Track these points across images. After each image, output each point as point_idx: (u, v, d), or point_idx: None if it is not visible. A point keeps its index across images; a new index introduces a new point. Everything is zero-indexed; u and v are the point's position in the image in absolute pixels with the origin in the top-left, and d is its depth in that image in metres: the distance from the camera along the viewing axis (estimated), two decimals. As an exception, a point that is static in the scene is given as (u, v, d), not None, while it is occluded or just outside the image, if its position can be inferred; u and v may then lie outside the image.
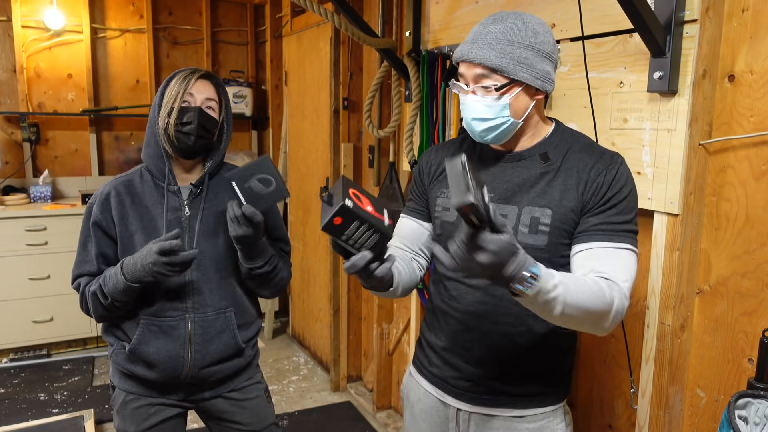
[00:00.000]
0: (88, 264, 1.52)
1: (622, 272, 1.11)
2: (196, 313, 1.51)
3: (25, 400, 3.10)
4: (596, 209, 1.15)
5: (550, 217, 1.16)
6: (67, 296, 3.65)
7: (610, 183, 1.14)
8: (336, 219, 0.98)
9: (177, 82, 1.48)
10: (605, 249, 1.12)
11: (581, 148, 1.21)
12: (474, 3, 2.12)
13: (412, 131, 2.42)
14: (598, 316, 1.05)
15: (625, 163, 1.18)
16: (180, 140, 1.48)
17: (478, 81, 1.15)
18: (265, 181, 1.40)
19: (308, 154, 3.65)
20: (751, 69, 1.37)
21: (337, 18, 2.10)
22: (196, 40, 4.42)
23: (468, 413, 1.28)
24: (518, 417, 1.26)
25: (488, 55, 1.12)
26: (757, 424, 1.08)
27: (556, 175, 1.18)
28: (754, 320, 1.39)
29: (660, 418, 1.53)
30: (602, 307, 1.04)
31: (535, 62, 1.13)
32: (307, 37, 3.52)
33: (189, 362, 1.51)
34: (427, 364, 1.35)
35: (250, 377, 1.67)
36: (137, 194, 1.52)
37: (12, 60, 3.86)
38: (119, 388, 1.58)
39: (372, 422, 3.01)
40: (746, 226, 1.39)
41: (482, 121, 1.16)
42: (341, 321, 3.33)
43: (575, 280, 1.03)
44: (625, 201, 1.15)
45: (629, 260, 1.13)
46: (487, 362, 1.24)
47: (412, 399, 1.42)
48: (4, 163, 3.88)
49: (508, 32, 1.13)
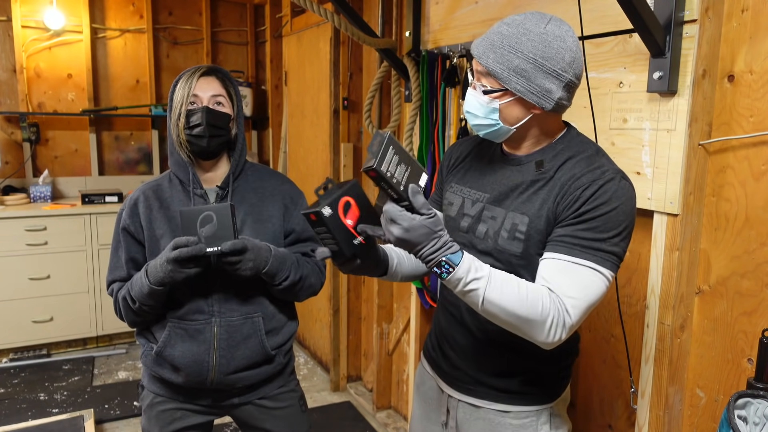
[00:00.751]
0: (119, 270, 1.52)
1: (571, 288, 1.06)
2: (222, 317, 1.48)
3: (25, 400, 3.10)
4: (567, 221, 1.10)
5: (526, 225, 1.15)
6: (67, 296, 3.65)
7: (588, 198, 1.08)
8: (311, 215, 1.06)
9: (181, 85, 1.46)
10: (563, 262, 1.08)
11: (580, 159, 1.14)
12: (474, 3, 2.12)
13: (412, 131, 2.42)
14: (528, 324, 1.04)
15: (617, 182, 1.09)
16: (193, 144, 1.45)
17: (479, 78, 1.16)
18: (206, 219, 1.35)
19: (308, 154, 3.65)
20: (751, 69, 1.37)
21: (336, 18, 2.10)
22: (196, 40, 4.42)
23: (457, 401, 1.32)
24: (502, 411, 1.27)
25: (488, 56, 1.11)
26: (756, 424, 1.08)
27: (546, 185, 1.15)
28: (754, 320, 1.39)
29: (660, 418, 1.53)
30: (531, 315, 1.03)
31: (534, 76, 1.08)
32: (307, 37, 3.52)
33: (214, 367, 1.47)
34: (430, 347, 1.42)
35: (282, 385, 1.62)
36: (165, 199, 1.50)
37: (12, 60, 3.86)
38: (148, 389, 1.58)
39: (372, 422, 3.01)
40: (746, 226, 1.39)
41: (473, 116, 1.18)
42: (341, 321, 3.33)
43: (507, 281, 1.06)
44: (601, 219, 1.07)
45: (587, 279, 1.06)
46: (475, 355, 1.28)
47: (417, 380, 1.48)
48: (4, 163, 3.88)
49: (515, 38, 1.08)
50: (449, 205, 1.30)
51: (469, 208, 1.25)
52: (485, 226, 1.21)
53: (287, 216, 1.57)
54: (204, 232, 1.34)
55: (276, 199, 1.57)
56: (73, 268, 3.66)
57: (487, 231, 1.20)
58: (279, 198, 1.57)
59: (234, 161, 1.53)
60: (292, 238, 1.58)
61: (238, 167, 1.53)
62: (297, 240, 1.59)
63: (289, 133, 3.96)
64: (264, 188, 1.57)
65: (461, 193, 1.28)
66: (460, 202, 1.28)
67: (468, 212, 1.25)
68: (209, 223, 1.35)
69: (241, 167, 1.55)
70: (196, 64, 4.40)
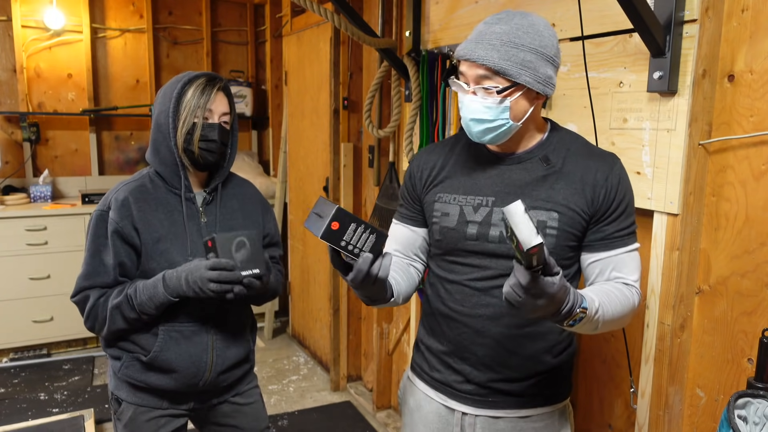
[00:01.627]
0: (103, 275, 1.43)
1: (635, 272, 1.20)
2: (218, 318, 1.52)
3: (25, 400, 3.10)
4: (609, 216, 1.18)
5: (557, 221, 1.16)
6: (67, 296, 3.63)
7: (617, 187, 1.18)
8: (333, 224, 0.99)
9: (195, 94, 1.43)
10: (622, 255, 1.19)
11: (579, 149, 1.22)
12: (474, 3, 2.12)
13: (412, 131, 2.42)
14: (627, 319, 1.18)
15: (620, 163, 1.22)
16: (203, 158, 1.46)
17: (479, 82, 1.13)
18: (240, 244, 1.40)
19: (308, 154, 3.65)
20: (751, 69, 1.37)
21: (337, 18, 2.10)
22: (196, 39, 4.42)
23: (474, 417, 1.27)
24: (524, 417, 1.26)
25: (492, 56, 1.10)
26: (756, 424, 1.08)
27: (559, 179, 1.18)
28: (754, 320, 1.39)
29: (660, 418, 1.53)
30: (629, 311, 1.16)
31: (538, 66, 1.11)
32: (307, 37, 3.52)
33: (210, 366, 1.50)
34: (428, 368, 1.33)
35: (250, 381, 1.68)
36: (154, 200, 1.47)
37: (12, 60, 3.86)
38: (127, 402, 1.52)
39: (372, 422, 3.01)
40: (746, 226, 1.39)
41: (480, 122, 1.15)
42: (341, 321, 3.33)
43: (607, 296, 1.11)
44: (629, 204, 1.20)
45: (637, 259, 1.21)
46: (494, 365, 1.24)
47: (411, 404, 1.39)
48: (4, 163, 3.88)
49: (512, 34, 1.10)
50: (444, 216, 1.25)
51: (471, 214, 1.21)
52: (497, 229, 1.19)
53: (264, 221, 1.65)
54: (239, 257, 1.39)
55: (255, 205, 1.64)
56: (73, 268, 3.63)
57: (501, 234, 1.18)
58: (257, 203, 1.65)
59: (224, 170, 1.56)
60: (266, 241, 1.66)
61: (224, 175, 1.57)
62: (270, 243, 1.67)
63: (289, 133, 3.96)
64: (243, 194, 1.63)
65: (456, 201, 1.24)
66: (458, 211, 1.23)
67: (472, 219, 1.21)
68: (243, 248, 1.40)
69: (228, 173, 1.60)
70: (196, 64, 4.42)
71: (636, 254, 1.21)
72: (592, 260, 1.20)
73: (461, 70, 1.16)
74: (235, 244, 1.38)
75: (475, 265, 1.22)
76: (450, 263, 1.26)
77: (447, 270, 1.27)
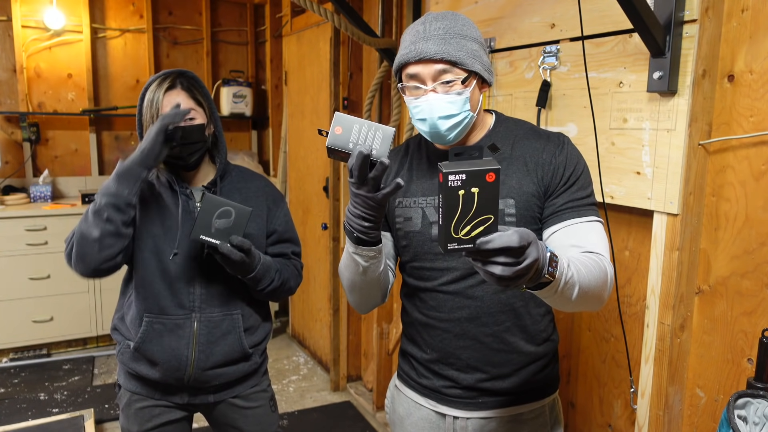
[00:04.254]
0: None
1: (599, 244, 1.13)
2: (203, 313, 1.50)
3: (25, 400, 3.10)
4: (559, 189, 1.17)
5: (514, 207, 1.16)
6: (67, 296, 3.66)
7: (564, 163, 1.17)
8: (336, 129, 1.00)
9: (147, 104, 1.44)
10: (577, 224, 1.14)
11: (526, 134, 1.23)
12: (474, 3, 2.12)
13: (412, 131, 2.42)
14: (602, 290, 1.07)
15: (569, 142, 1.22)
16: (172, 164, 1.48)
17: (438, 78, 1.11)
18: (224, 213, 1.40)
19: (308, 154, 3.65)
20: (751, 69, 1.37)
21: (337, 18, 2.10)
22: (196, 40, 4.42)
23: (465, 420, 1.26)
24: (515, 415, 1.26)
25: (447, 49, 1.10)
26: (756, 424, 1.08)
27: (509, 164, 1.19)
28: (754, 320, 1.39)
29: (659, 418, 1.53)
30: (604, 278, 1.07)
31: (482, 54, 1.16)
32: (307, 37, 3.52)
33: (192, 362, 1.50)
34: (415, 375, 1.32)
35: (255, 384, 1.65)
36: (155, 192, 1.51)
37: (12, 60, 3.86)
38: (125, 388, 1.58)
39: (372, 422, 3.02)
40: (746, 226, 1.40)
41: (448, 118, 1.13)
42: (341, 321, 3.33)
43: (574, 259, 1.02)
44: (582, 176, 1.18)
45: (601, 231, 1.16)
46: (480, 365, 1.24)
47: (400, 412, 1.38)
48: (4, 163, 3.88)
49: (455, 27, 1.13)
50: (407, 221, 1.24)
51: (434, 215, 1.21)
52: None
53: (270, 217, 1.61)
54: (217, 224, 1.38)
55: (260, 200, 1.60)
56: (73, 267, 3.66)
57: None
58: (263, 199, 1.61)
59: (220, 162, 1.56)
60: (274, 238, 1.63)
61: (223, 167, 1.56)
62: (278, 240, 1.63)
63: (289, 133, 3.96)
64: (248, 189, 1.60)
65: (416, 204, 1.24)
66: (420, 213, 1.23)
67: (435, 219, 1.21)
68: (225, 218, 1.39)
69: (225, 167, 1.58)
70: (196, 64, 4.42)
71: (598, 227, 1.14)
72: (548, 236, 1.16)
73: (413, 72, 1.13)
74: (220, 211, 1.39)
75: (443, 268, 1.22)
76: (419, 270, 1.26)
77: (418, 278, 1.27)
